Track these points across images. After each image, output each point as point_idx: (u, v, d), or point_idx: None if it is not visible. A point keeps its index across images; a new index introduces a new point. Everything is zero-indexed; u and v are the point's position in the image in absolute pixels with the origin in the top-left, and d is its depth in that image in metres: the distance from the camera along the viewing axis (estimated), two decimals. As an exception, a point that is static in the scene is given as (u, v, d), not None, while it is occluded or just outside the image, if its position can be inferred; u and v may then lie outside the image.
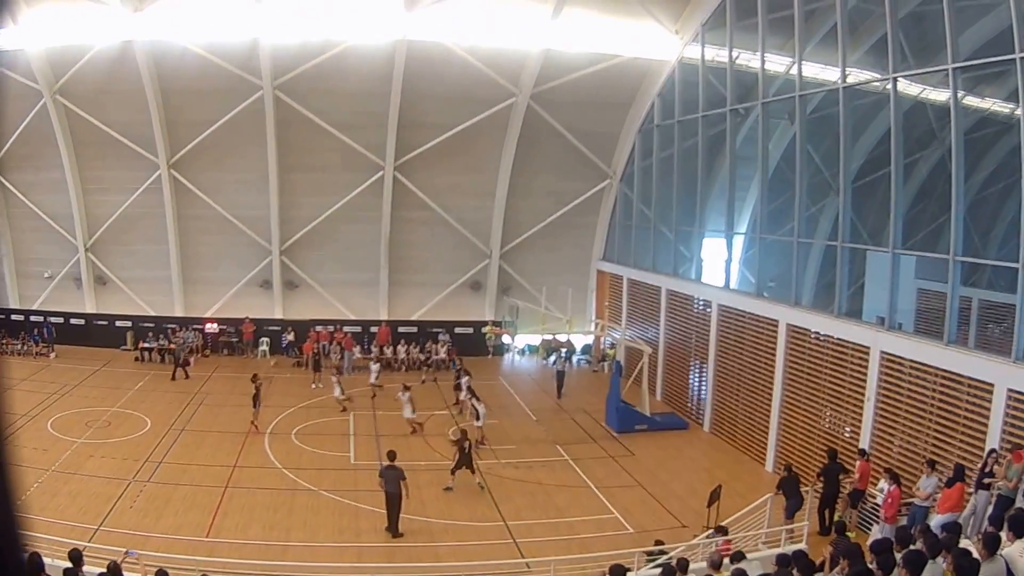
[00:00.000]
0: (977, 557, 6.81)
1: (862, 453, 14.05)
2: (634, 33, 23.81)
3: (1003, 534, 7.43)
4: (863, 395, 14.81)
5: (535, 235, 29.04)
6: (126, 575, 9.60)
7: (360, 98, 25.52)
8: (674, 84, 24.08)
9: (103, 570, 9.23)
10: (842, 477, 14.05)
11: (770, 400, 17.95)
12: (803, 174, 17.59)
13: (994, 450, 11.25)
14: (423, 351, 28.06)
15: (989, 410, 11.90)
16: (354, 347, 27.75)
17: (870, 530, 13.07)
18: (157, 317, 28.70)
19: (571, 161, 27.71)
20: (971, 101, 14.06)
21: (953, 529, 8.65)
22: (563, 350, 28.19)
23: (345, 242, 28.39)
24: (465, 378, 21.95)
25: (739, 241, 21.18)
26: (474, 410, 19.47)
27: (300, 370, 26.81)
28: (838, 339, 15.79)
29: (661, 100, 25.00)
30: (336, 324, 28.58)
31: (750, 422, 19.06)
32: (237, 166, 26.94)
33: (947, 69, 12.96)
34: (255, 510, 14.79)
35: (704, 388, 21.48)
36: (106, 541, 12.23)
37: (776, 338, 17.78)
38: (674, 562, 9.94)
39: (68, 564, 8.99)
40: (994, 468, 10.66)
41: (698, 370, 22.14)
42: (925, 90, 15.05)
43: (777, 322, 17.81)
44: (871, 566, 7.17)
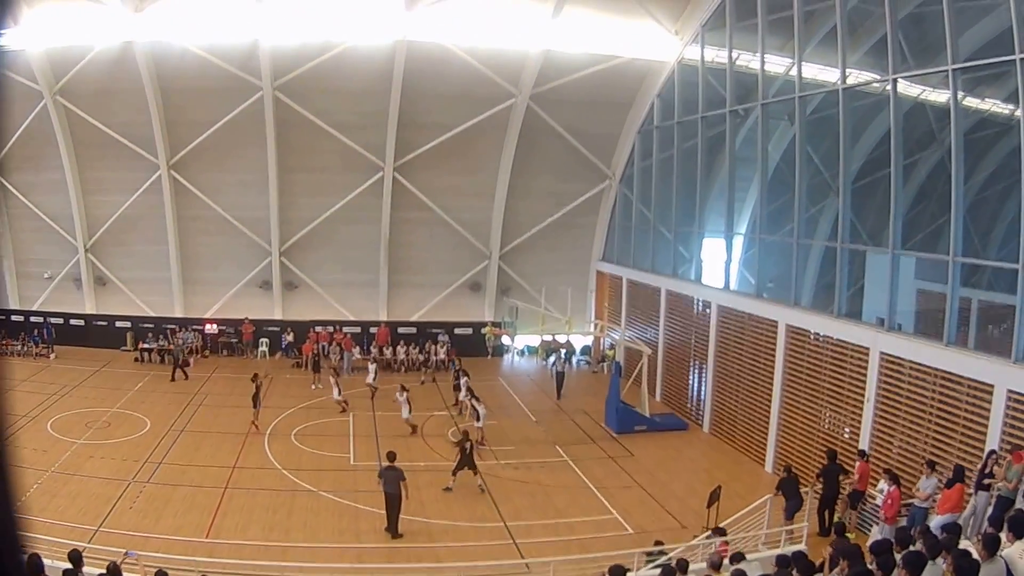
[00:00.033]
0: (977, 558, 6.81)
1: (862, 454, 14.04)
2: (634, 34, 23.82)
3: (1003, 535, 7.43)
4: (863, 396, 14.80)
5: (535, 236, 29.03)
6: (125, 576, 9.61)
7: (360, 99, 25.54)
8: (674, 85, 24.08)
9: (103, 571, 9.21)
10: (842, 478, 14.04)
11: (770, 401, 17.94)
12: (803, 175, 17.60)
13: (994, 451, 11.24)
14: (422, 352, 28.08)
15: (989, 411, 11.89)
16: (353, 348, 27.78)
17: (870, 531, 13.07)
18: (157, 318, 28.69)
19: (571, 162, 27.71)
20: (971, 102, 14.05)
21: (953, 530, 8.63)
22: (562, 351, 28.18)
23: (345, 243, 28.40)
24: (464, 379, 21.98)
25: (739, 242, 21.17)
26: (474, 411, 19.49)
27: (300, 371, 26.80)
28: (838, 340, 15.78)
29: (661, 101, 25.00)
30: (336, 325, 28.58)
31: (750, 423, 19.05)
32: (237, 167, 26.94)
33: (947, 70, 12.97)
34: (255, 511, 14.79)
35: (703, 389, 21.46)
36: (106, 542, 12.24)
37: (776, 339, 17.78)
38: (674, 563, 9.94)
39: (68, 565, 8.99)
40: (994, 469, 10.66)
41: (697, 371, 22.11)
42: (925, 91, 15.04)
43: (777, 323, 17.80)
44: (871, 567, 7.18)
